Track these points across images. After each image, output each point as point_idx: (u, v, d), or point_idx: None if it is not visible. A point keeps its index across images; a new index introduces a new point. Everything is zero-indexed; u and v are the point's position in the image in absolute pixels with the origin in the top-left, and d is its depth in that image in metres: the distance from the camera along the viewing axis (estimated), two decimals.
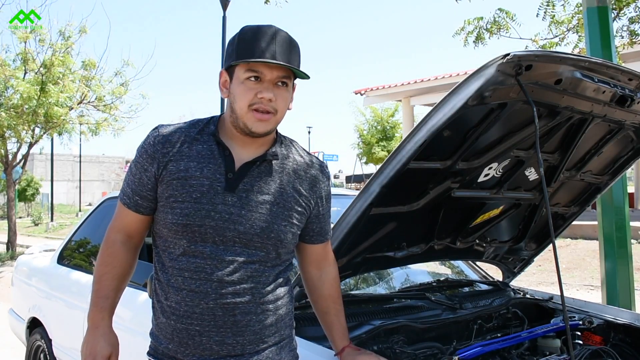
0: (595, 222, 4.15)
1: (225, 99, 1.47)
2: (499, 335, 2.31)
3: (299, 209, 1.49)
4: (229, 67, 1.42)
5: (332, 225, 1.90)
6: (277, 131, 1.52)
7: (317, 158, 1.59)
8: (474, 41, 6.24)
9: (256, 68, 1.37)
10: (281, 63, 1.36)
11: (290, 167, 1.50)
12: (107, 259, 1.50)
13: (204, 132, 1.46)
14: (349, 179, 35.35)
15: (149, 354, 1.51)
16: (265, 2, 5.79)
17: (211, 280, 1.39)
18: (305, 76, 1.42)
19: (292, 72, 1.41)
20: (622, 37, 6.27)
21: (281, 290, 1.50)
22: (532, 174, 2.31)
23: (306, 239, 1.60)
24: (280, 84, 1.40)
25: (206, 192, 1.39)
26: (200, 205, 1.38)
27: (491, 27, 6.08)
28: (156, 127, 1.49)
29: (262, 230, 1.41)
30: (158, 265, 1.49)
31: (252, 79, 1.37)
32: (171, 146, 1.43)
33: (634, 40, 6.21)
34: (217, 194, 1.39)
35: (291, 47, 1.40)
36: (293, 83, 1.45)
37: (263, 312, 1.44)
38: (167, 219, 1.41)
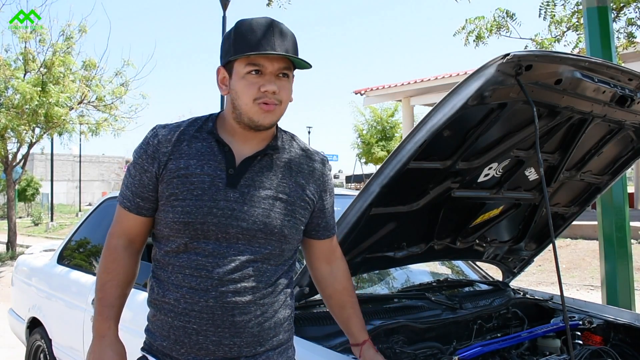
0: (595, 222, 4.14)
1: (225, 96, 1.46)
2: (499, 335, 2.31)
3: (302, 203, 1.47)
4: (227, 63, 1.40)
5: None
6: (277, 125, 1.51)
7: (318, 152, 1.58)
8: (474, 40, 6.24)
9: (257, 61, 1.36)
10: (282, 53, 1.35)
11: (292, 161, 1.49)
12: (109, 266, 1.47)
13: (203, 129, 1.45)
14: (349, 179, 35.34)
15: (143, 349, 1.49)
16: (268, 5, 5.78)
17: (212, 278, 1.37)
18: (307, 65, 1.41)
19: (291, 63, 1.40)
20: (619, 39, 6.26)
21: (282, 293, 1.47)
22: (532, 174, 2.31)
23: (313, 235, 1.58)
24: (281, 75, 1.39)
25: (207, 188, 1.38)
26: (202, 202, 1.37)
27: (491, 26, 6.08)
28: (154, 128, 1.47)
29: (265, 225, 1.40)
30: (157, 263, 1.46)
31: (253, 72, 1.36)
32: (170, 145, 1.42)
33: (630, 41, 6.22)
34: (218, 191, 1.38)
35: (289, 37, 1.39)
36: (292, 74, 1.44)
37: (262, 314, 1.41)
38: (167, 218, 1.40)
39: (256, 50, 1.34)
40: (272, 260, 1.43)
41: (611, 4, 5.32)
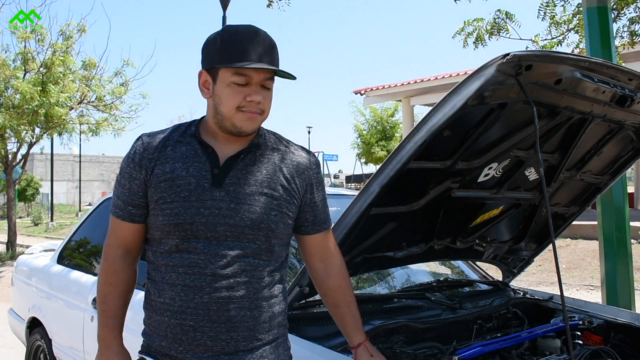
0: (595, 222, 4.14)
1: (206, 100, 1.48)
2: (499, 335, 2.31)
3: (288, 197, 1.49)
4: (210, 68, 1.43)
5: (332, 226, 1.90)
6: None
7: (303, 147, 1.60)
8: (473, 42, 6.22)
9: (244, 72, 1.39)
10: (271, 67, 1.38)
11: (275, 157, 1.51)
12: (110, 278, 1.52)
13: (186, 134, 1.49)
14: (349, 179, 35.34)
15: (141, 352, 1.51)
16: (268, 6, 5.77)
17: (205, 274, 1.39)
18: (291, 77, 1.43)
19: (273, 73, 1.43)
20: (622, 38, 6.26)
21: (276, 288, 1.50)
22: (532, 174, 2.31)
23: (302, 230, 1.58)
24: (265, 86, 1.42)
25: (194, 189, 1.41)
26: (189, 203, 1.40)
27: (491, 28, 6.07)
28: (139, 137, 1.52)
29: (252, 222, 1.42)
30: (151, 265, 1.50)
31: (240, 82, 1.39)
32: (155, 151, 1.46)
33: (634, 40, 6.21)
34: (205, 191, 1.41)
35: (272, 48, 1.43)
36: (273, 83, 1.47)
37: (257, 308, 1.44)
38: (158, 221, 1.44)
39: (245, 61, 1.36)
40: (263, 256, 1.46)
41: (612, 4, 5.32)
